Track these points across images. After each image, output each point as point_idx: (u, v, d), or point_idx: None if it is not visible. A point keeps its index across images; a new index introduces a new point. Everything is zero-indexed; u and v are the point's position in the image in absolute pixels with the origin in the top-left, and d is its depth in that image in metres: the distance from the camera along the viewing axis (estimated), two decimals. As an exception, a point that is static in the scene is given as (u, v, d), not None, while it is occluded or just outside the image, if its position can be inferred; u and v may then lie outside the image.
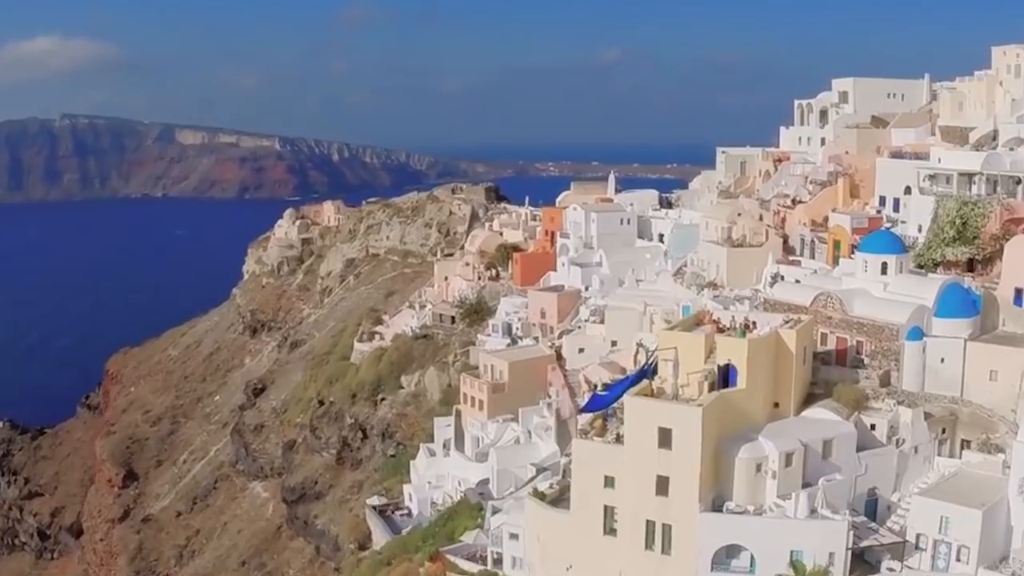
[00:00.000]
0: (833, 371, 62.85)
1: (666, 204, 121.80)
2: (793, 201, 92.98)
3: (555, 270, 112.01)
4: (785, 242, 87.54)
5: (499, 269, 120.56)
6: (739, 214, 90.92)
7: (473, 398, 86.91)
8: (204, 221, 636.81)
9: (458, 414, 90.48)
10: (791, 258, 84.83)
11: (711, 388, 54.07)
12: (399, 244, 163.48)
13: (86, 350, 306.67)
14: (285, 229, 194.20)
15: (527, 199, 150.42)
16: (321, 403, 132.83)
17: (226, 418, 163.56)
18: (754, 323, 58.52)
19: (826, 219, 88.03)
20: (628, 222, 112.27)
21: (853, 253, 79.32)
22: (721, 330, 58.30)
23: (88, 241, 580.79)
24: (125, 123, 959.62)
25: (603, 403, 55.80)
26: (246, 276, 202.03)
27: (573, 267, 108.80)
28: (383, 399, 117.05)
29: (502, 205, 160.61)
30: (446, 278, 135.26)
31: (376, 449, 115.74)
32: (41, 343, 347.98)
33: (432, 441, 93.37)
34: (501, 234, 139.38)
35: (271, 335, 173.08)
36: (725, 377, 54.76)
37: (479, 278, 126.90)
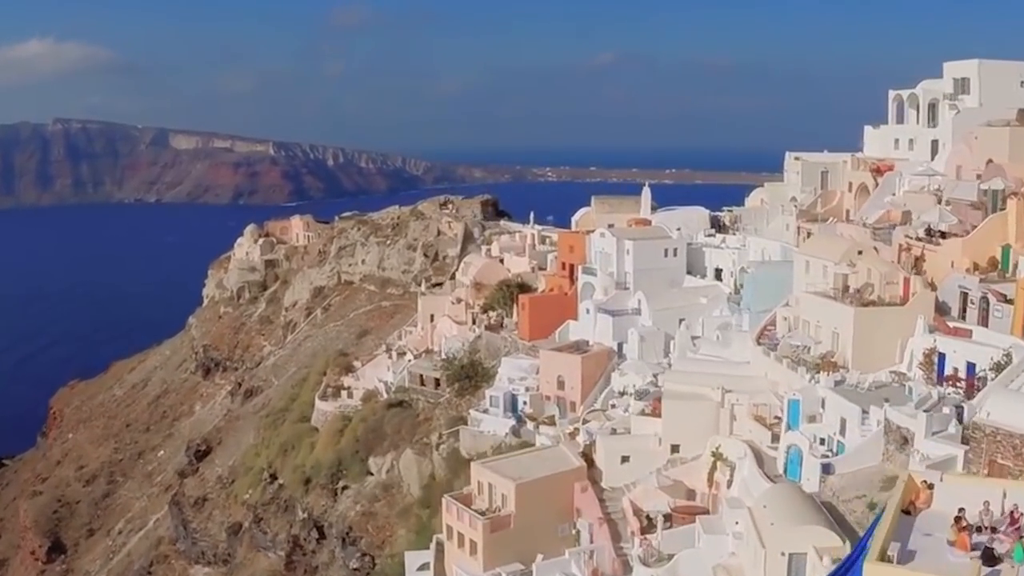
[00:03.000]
0: None
1: (718, 226, 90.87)
2: (929, 232, 61.96)
3: (576, 318, 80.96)
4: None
5: (501, 312, 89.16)
6: (859, 252, 59.76)
7: (462, 535, 55.77)
8: (196, 227, 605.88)
9: (440, 548, 59.61)
10: (952, 325, 53.71)
11: None
12: (376, 270, 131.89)
13: (52, 368, 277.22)
14: (246, 248, 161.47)
15: (532, 215, 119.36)
16: (273, 478, 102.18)
17: (169, 479, 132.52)
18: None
19: (993, 262, 57.32)
20: (675, 253, 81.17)
21: (1068, 322, 48.89)
22: (966, 533, 27.27)
23: (74, 248, 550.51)
24: (118, 127, 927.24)
25: None
26: (205, 301, 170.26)
27: (601, 316, 77.77)
28: (345, 488, 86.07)
29: (502, 222, 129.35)
30: (432, 318, 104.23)
31: (335, 556, 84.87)
32: (3, 357, 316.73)
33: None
34: (501, 261, 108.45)
35: (225, 377, 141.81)
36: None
37: (473, 320, 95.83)
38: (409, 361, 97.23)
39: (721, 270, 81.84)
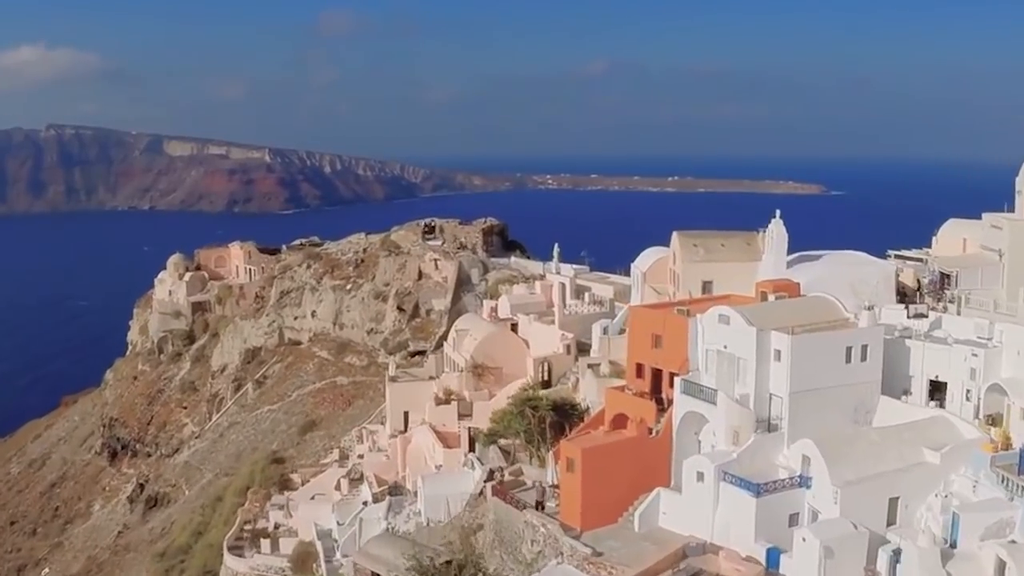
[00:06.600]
0: None
1: (905, 291, 50.63)
2: None
3: (670, 484, 40.31)
4: None
5: (523, 454, 48.29)
6: None
7: None
8: (180, 236, 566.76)
9: None
10: None
11: None
12: (331, 327, 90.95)
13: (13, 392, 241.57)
14: (169, 286, 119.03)
15: (556, 251, 78.24)
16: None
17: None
18: None
19: None
20: (864, 355, 40.36)
21: None
22: None
23: (55, 257, 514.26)
24: (112, 134, 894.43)
25: None
26: (128, 349, 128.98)
27: (731, 490, 37.25)
28: None
29: (512, 258, 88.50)
30: (406, 420, 64.02)
31: None
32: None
33: None
34: (515, 327, 67.74)
35: (133, 465, 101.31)
36: None
37: (471, 445, 55.37)
38: (365, 505, 56.95)
39: (943, 385, 41.44)
